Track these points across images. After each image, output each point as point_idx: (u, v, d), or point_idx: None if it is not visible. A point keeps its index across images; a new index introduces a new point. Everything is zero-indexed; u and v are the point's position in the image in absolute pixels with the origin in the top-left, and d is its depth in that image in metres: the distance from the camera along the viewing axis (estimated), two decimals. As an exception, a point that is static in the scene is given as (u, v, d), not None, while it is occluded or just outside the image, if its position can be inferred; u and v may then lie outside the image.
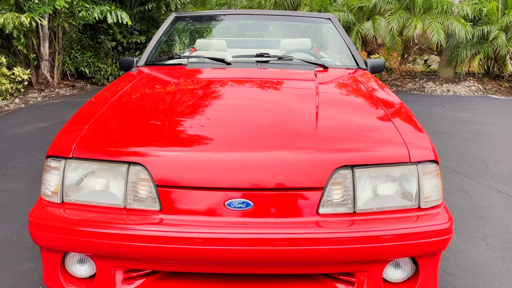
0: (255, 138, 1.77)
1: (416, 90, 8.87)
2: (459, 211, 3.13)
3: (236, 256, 1.54)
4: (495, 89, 8.71)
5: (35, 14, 6.54)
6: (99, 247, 1.58)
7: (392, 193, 1.67)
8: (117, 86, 2.45)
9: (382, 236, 1.56)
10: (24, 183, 3.55)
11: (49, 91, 7.64)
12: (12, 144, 4.61)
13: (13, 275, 2.29)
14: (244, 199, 1.57)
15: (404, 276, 1.73)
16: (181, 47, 4.26)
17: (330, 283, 1.69)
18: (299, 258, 1.55)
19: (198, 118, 1.99)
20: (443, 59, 9.58)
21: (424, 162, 1.68)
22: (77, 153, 1.67)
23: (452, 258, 2.52)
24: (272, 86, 2.47)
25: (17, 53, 7.58)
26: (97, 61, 8.68)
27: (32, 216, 1.65)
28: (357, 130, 1.88)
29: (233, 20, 4.22)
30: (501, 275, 2.37)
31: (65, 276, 1.71)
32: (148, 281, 1.69)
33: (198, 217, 1.58)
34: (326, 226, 1.57)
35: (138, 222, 1.58)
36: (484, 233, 2.85)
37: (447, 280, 2.31)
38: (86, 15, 7.21)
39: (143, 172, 1.61)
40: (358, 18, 9.41)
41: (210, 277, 1.70)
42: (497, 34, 8.36)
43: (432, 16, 8.43)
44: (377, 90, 2.42)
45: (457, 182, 3.73)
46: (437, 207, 1.69)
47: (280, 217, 1.58)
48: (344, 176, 1.62)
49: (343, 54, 3.35)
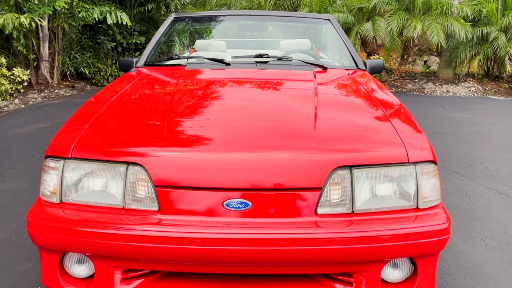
0: (254, 138, 1.78)
1: (416, 91, 8.88)
2: (458, 212, 3.14)
3: (234, 256, 1.54)
4: (494, 90, 8.72)
5: (35, 15, 6.55)
6: (97, 247, 1.58)
7: (390, 193, 1.68)
8: (116, 86, 2.46)
9: (380, 236, 1.57)
10: (23, 183, 3.56)
11: (49, 92, 7.65)
12: (11, 145, 4.62)
13: (12, 275, 2.29)
14: (243, 199, 1.57)
15: (402, 276, 1.73)
16: (180, 47, 4.26)
17: (328, 283, 1.69)
18: (298, 258, 1.55)
19: (197, 119, 1.99)
20: (442, 60, 9.59)
21: (422, 162, 1.68)
22: (76, 153, 1.67)
23: (451, 259, 2.52)
24: (271, 87, 2.48)
25: (16, 54, 7.59)
26: (96, 62, 8.69)
27: (31, 216, 1.65)
28: (356, 131, 1.88)
29: (232, 20, 4.22)
30: (499, 276, 2.37)
31: (64, 276, 1.71)
32: (146, 281, 1.69)
33: (196, 217, 1.58)
34: (324, 226, 1.57)
35: (137, 222, 1.58)
36: (483, 233, 2.85)
37: (446, 280, 2.31)
38: (86, 15, 7.22)
39: (141, 173, 1.61)
40: (358, 19, 9.42)
41: (208, 277, 1.70)
42: (497, 35, 8.36)
43: (432, 17, 8.44)
44: (376, 91, 2.43)
45: (456, 182, 3.73)
46: (435, 208, 1.69)
47: (279, 217, 1.58)
48: (343, 177, 1.62)
49: (342, 55, 3.35)
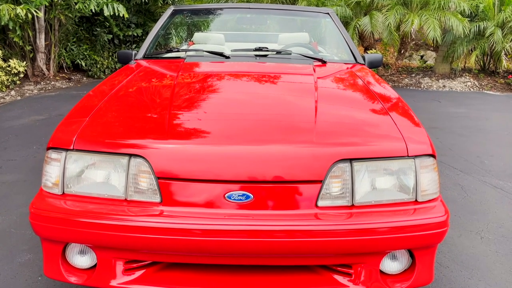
0: (256, 131, 1.79)
1: (413, 85, 8.90)
2: (455, 206, 3.17)
3: (236, 248, 1.55)
4: (490, 85, 8.76)
5: (31, 6, 6.50)
6: (100, 238, 1.59)
7: (389, 186, 1.70)
8: (116, 79, 2.45)
9: (379, 229, 1.59)
10: (21, 175, 3.55)
11: (45, 84, 7.60)
12: (8, 137, 4.60)
13: (12, 266, 2.30)
14: (244, 191, 1.59)
15: (400, 268, 1.75)
16: (179, 40, 4.25)
17: (328, 274, 1.71)
18: (298, 249, 1.57)
19: (198, 112, 2.00)
20: (439, 55, 9.61)
21: (422, 156, 1.70)
22: (78, 145, 1.67)
23: (448, 252, 2.55)
24: (272, 80, 2.48)
25: (12, 45, 7.52)
26: (93, 54, 8.63)
27: (33, 207, 1.65)
28: (356, 124, 1.90)
29: (231, 13, 4.21)
30: (495, 268, 2.41)
31: (66, 267, 1.73)
32: (148, 272, 1.71)
33: (198, 209, 1.59)
34: (324, 218, 1.59)
35: (139, 213, 1.59)
36: (479, 227, 2.89)
37: (442, 272, 2.34)
38: (83, 7, 7.16)
39: (143, 164, 1.62)
40: (356, 13, 9.40)
41: (209, 268, 1.72)
42: (493, 31, 8.39)
43: (429, 11, 8.44)
44: (375, 85, 2.44)
45: (452, 177, 3.77)
46: (433, 201, 1.71)
47: (280, 209, 1.60)
48: (343, 170, 1.64)
49: (341, 49, 3.36)
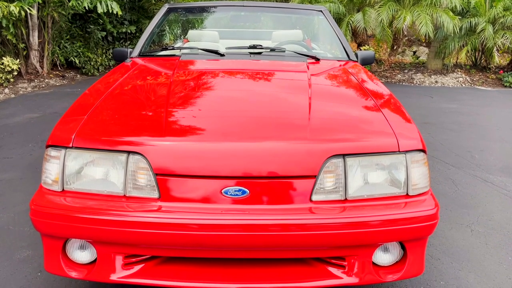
0: (252, 128, 1.83)
1: (405, 81, 8.98)
2: (446, 199, 3.24)
3: (232, 241, 1.60)
4: (482, 81, 8.85)
5: (24, 4, 6.48)
6: (99, 234, 1.63)
7: (381, 181, 1.75)
8: (113, 77, 2.48)
9: (371, 222, 1.64)
10: (18, 173, 3.57)
11: (39, 81, 7.59)
12: (4, 135, 4.61)
13: (11, 262, 2.34)
14: (240, 187, 1.63)
15: (392, 260, 1.81)
16: (174, 38, 4.27)
17: (322, 266, 1.77)
18: (293, 243, 1.62)
19: (195, 109, 2.04)
20: (431, 50, 9.69)
21: (412, 151, 1.75)
22: (77, 142, 1.71)
23: (438, 244, 2.61)
24: (266, 78, 2.52)
25: (6, 43, 7.50)
26: (87, 51, 8.62)
27: (34, 204, 1.69)
28: (349, 121, 1.95)
29: (225, 11, 4.24)
30: (485, 260, 2.47)
31: (66, 262, 1.76)
32: (147, 266, 1.75)
33: (195, 204, 1.63)
34: (318, 212, 1.64)
35: (138, 209, 1.63)
36: (469, 220, 2.95)
37: (433, 264, 2.40)
38: (76, 4, 7.15)
39: (142, 161, 1.66)
40: (348, 10, 9.44)
41: (207, 261, 1.77)
42: (485, 27, 8.46)
43: (421, 8, 8.51)
44: (367, 82, 2.49)
45: (443, 171, 3.84)
46: (424, 194, 1.77)
47: (275, 204, 1.64)
48: (336, 165, 1.69)
49: (334, 46, 3.40)
